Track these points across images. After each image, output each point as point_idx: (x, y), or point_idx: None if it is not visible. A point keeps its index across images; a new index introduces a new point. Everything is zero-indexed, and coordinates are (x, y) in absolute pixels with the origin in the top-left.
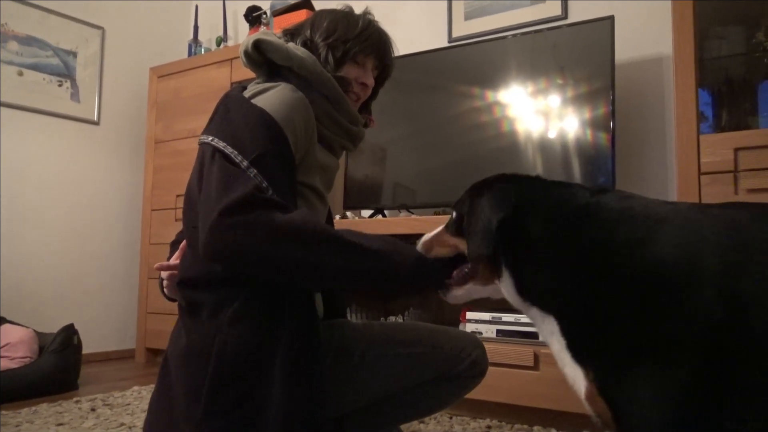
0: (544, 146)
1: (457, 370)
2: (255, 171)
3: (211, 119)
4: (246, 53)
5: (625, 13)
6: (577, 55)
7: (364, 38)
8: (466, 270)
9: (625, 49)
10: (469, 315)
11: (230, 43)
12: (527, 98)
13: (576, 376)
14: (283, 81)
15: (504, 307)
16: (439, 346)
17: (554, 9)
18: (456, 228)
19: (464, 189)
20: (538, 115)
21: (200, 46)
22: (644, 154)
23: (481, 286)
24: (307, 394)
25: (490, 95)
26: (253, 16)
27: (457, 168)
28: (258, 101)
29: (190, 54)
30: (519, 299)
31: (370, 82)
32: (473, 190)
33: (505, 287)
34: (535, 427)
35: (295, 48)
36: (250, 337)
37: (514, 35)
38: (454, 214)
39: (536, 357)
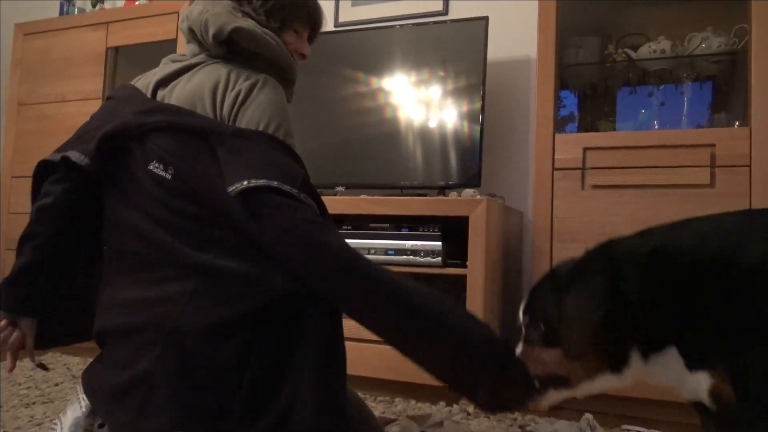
0: (423, 134)
1: None
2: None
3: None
4: (215, 36)
5: (500, 14)
6: (457, 50)
7: (301, 6)
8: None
9: (498, 49)
10: None
11: (107, 5)
12: (410, 87)
13: (693, 382)
14: (257, 71)
15: None
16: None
17: (436, 5)
18: (548, 338)
19: (347, 171)
20: (420, 104)
21: (73, 5)
22: (510, 147)
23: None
24: (336, 390)
25: (375, 81)
26: None
27: (340, 150)
28: (253, 110)
29: (62, 13)
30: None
31: (308, 52)
32: (550, 291)
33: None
34: (397, 398)
35: (264, 34)
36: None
37: (402, 25)
38: (542, 325)
39: None
